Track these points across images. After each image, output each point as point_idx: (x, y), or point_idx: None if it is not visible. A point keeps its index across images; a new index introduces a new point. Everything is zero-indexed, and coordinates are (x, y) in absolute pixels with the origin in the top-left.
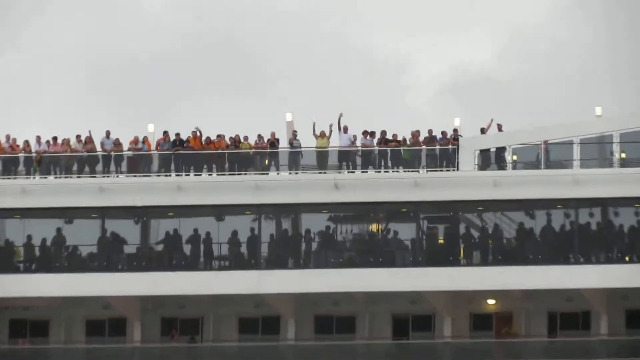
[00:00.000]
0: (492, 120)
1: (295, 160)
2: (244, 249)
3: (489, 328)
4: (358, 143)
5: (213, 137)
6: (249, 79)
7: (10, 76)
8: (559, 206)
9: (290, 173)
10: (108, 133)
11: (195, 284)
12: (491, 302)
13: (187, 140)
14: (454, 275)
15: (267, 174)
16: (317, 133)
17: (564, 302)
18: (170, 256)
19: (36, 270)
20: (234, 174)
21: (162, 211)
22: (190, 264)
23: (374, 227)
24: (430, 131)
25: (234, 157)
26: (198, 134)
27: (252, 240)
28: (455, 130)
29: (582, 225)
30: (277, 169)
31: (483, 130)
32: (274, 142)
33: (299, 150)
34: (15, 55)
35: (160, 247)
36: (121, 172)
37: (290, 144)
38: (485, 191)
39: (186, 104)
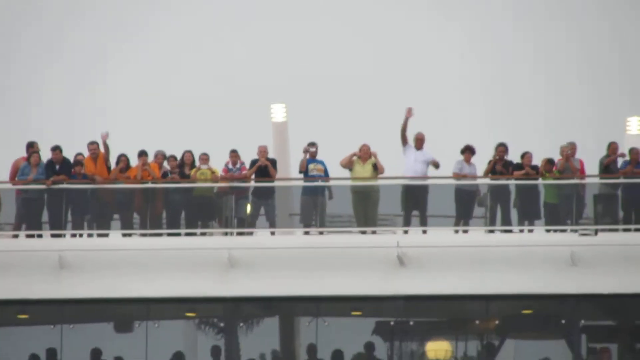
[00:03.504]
0: None
1: (316, 204)
2: None
3: None
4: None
5: (133, 158)
6: None
7: None
8: None
9: (307, 232)
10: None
11: None
12: None
13: (77, 162)
14: None
15: (252, 233)
16: (356, 152)
17: None
18: None
19: None
20: (175, 234)
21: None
22: None
23: (459, 347)
24: (614, 147)
25: (180, 197)
26: (102, 147)
27: None
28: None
29: None
30: (271, 223)
31: None
32: (266, 168)
33: (322, 184)
34: None
35: None
36: None
37: (302, 170)
38: None
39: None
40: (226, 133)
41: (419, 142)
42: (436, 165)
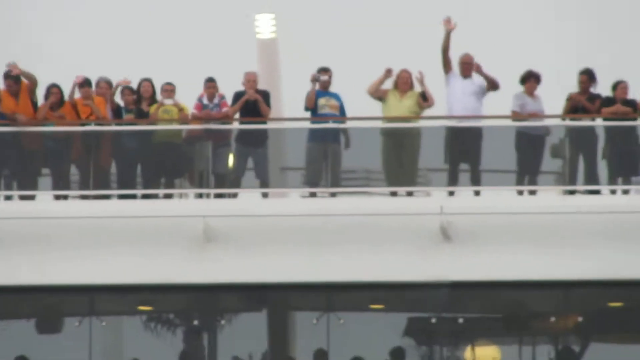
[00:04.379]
0: None
1: (327, 155)
2: None
3: None
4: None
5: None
6: None
7: None
8: None
9: (313, 194)
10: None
11: None
12: None
13: None
14: None
15: (235, 195)
16: (389, 71)
17: None
18: None
19: None
20: (128, 197)
21: None
22: None
23: (523, 352)
24: None
25: (135, 144)
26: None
27: None
28: None
29: None
30: (263, 181)
31: None
32: (255, 103)
33: (337, 125)
34: None
35: None
36: None
37: (310, 107)
38: None
39: None
40: (198, 56)
41: (466, 67)
42: (494, 84)
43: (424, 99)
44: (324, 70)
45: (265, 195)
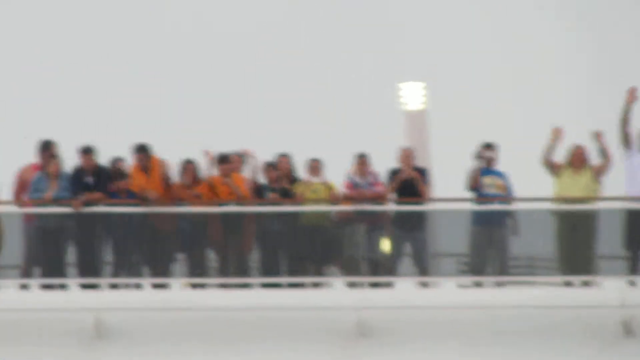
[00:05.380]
0: None
1: (492, 240)
2: None
3: None
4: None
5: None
6: None
7: None
8: None
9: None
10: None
11: None
12: None
13: (119, 173)
14: None
15: (392, 285)
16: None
17: None
18: None
19: None
20: (272, 286)
21: None
22: None
23: None
24: None
25: (280, 227)
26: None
27: None
28: None
29: None
30: (422, 269)
31: None
32: (412, 182)
33: (504, 207)
34: None
35: None
36: None
37: (474, 186)
38: None
39: None
40: (337, 128)
41: None
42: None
43: (603, 155)
44: (489, 146)
45: (424, 284)
